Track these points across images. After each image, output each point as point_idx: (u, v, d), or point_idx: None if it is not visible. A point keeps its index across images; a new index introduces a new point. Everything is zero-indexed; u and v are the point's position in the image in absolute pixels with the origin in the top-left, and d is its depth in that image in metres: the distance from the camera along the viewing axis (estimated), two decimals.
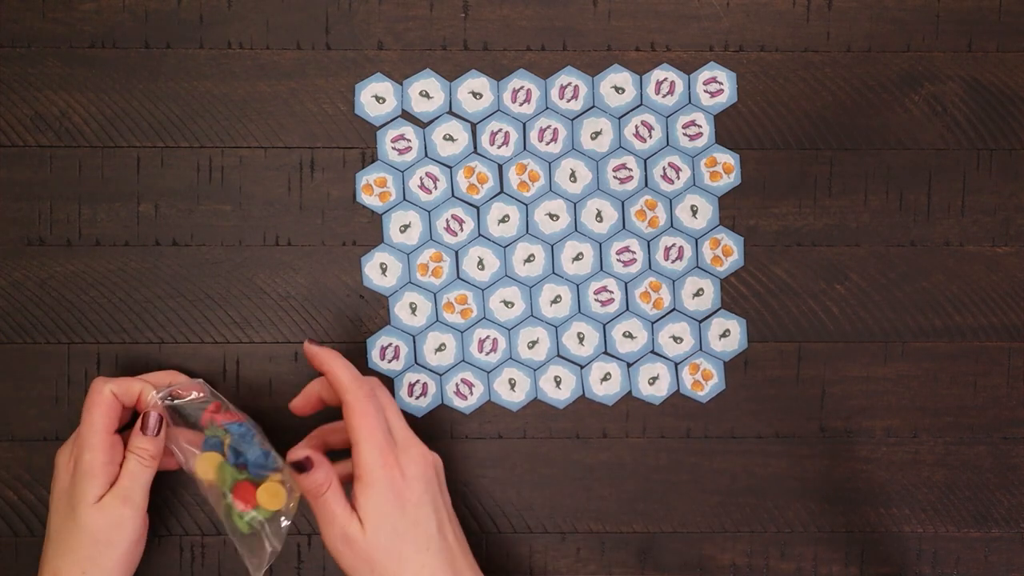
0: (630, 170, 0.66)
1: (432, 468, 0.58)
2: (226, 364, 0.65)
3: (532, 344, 0.66)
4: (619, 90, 0.66)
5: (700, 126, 0.66)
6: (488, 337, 0.66)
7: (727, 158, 0.66)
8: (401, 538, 0.56)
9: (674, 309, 0.66)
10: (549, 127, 0.66)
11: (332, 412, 0.62)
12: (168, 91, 0.65)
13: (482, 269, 0.66)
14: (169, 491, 0.65)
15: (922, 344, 0.67)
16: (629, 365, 0.66)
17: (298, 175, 0.65)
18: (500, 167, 0.66)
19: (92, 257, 0.65)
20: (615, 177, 0.66)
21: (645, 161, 0.66)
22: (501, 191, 0.66)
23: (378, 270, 0.66)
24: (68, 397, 0.65)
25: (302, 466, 0.56)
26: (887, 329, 0.66)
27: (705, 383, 0.66)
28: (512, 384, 0.66)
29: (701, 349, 0.66)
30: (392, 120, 0.66)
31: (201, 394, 0.60)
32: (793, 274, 0.66)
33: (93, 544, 0.58)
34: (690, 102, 0.66)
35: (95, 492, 0.58)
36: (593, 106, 0.66)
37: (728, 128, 0.66)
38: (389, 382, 0.66)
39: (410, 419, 0.66)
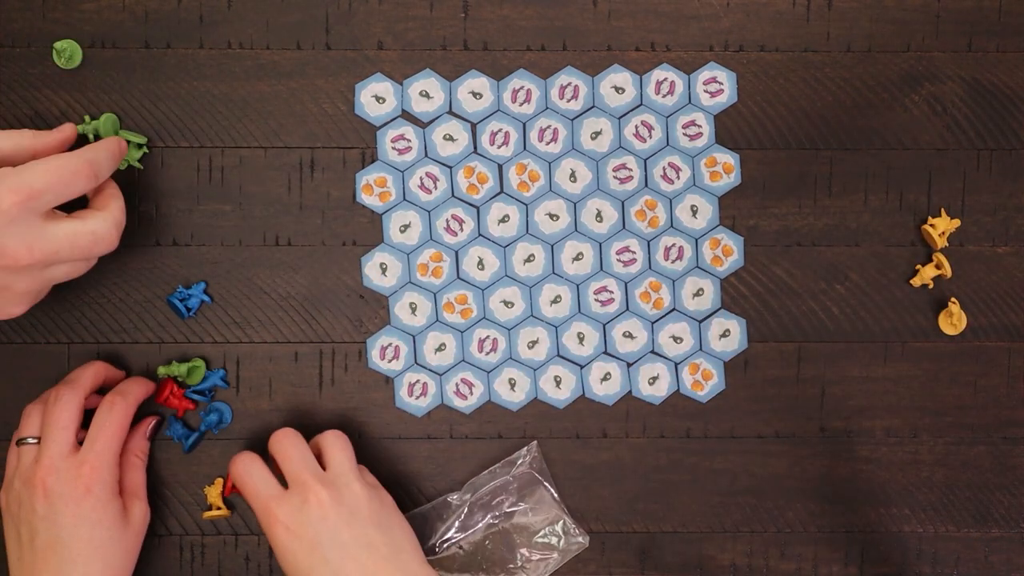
0: (630, 170, 0.66)
1: (319, 503, 0.58)
2: (226, 364, 0.65)
3: (532, 344, 0.66)
4: (619, 90, 0.66)
5: (700, 126, 0.66)
6: (488, 337, 0.66)
7: (727, 158, 0.66)
8: None
9: (674, 309, 0.66)
10: (549, 127, 0.66)
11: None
12: (168, 91, 0.65)
13: (482, 269, 0.66)
14: (169, 491, 0.65)
15: (922, 344, 0.66)
16: (629, 365, 0.66)
17: (298, 175, 0.65)
18: (500, 167, 0.66)
19: None
20: (615, 177, 0.66)
21: (645, 161, 0.66)
22: (501, 191, 0.66)
23: (378, 270, 0.66)
24: None
25: None
26: (887, 329, 0.66)
27: (705, 383, 0.66)
28: (512, 384, 0.66)
29: (701, 349, 0.66)
30: (392, 120, 0.66)
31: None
32: (793, 274, 0.66)
33: (130, 546, 0.61)
34: (690, 102, 0.66)
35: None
36: (593, 106, 0.66)
37: (728, 128, 0.66)
38: (389, 382, 0.66)
39: (410, 419, 0.66)
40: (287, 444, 0.60)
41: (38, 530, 0.58)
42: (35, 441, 0.60)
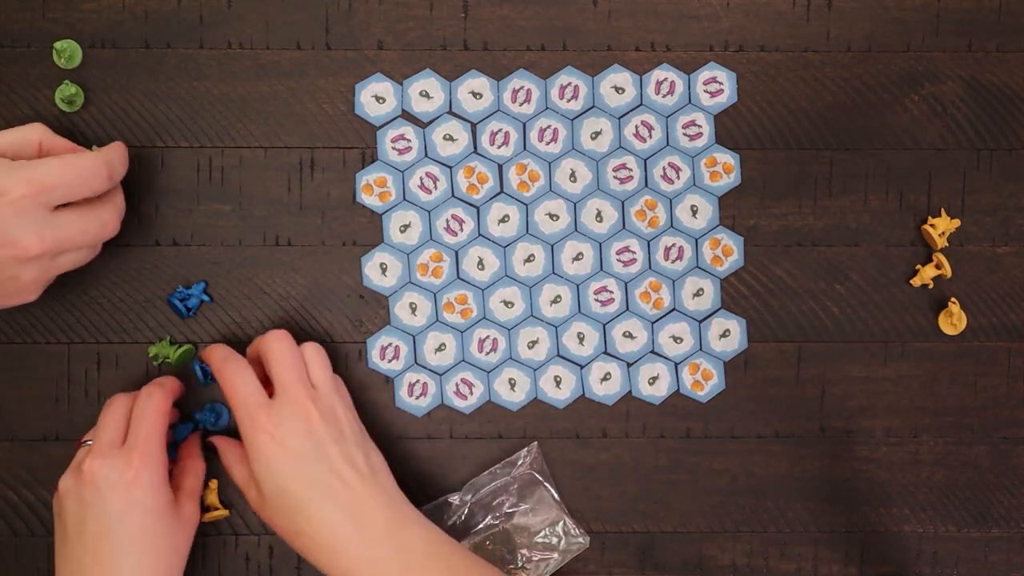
0: (630, 170, 0.66)
1: (308, 416, 0.58)
2: None
3: (532, 344, 0.66)
4: (619, 90, 0.66)
5: (700, 126, 0.66)
6: (488, 337, 0.66)
7: (727, 158, 0.66)
8: (294, 495, 0.57)
9: (674, 309, 0.66)
10: (549, 127, 0.66)
11: None
12: (168, 91, 0.65)
13: (482, 269, 0.66)
14: None
15: (922, 344, 0.66)
16: (629, 365, 0.66)
17: (298, 175, 0.65)
18: (500, 167, 0.66)
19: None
20: (615, 177, 0.66)
21: (645, 161, 0.66)
22: (501, 191, 0.66)
23: (378, 270, 0.66)
24: (68, 397, 0.65)
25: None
26: (887, 329, 0.66)
27: (705, 383, 0.66)
28: (512, 384, 0.66)
29: (701, 349, 0.66)
30: (392, 120, 0.66)
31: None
32: (793, 274, 0.66)
33: (181, 541, 0.60)
34: (690, 102, 0.66)
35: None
36: (593, 106, 0.66)
37: (728, 128, 0.66)
38: (389, 382, 0.66)
39: (410, 419, 0.66)
40: (283, 348, 0.60)
41: (86, 521, 0.57)
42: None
